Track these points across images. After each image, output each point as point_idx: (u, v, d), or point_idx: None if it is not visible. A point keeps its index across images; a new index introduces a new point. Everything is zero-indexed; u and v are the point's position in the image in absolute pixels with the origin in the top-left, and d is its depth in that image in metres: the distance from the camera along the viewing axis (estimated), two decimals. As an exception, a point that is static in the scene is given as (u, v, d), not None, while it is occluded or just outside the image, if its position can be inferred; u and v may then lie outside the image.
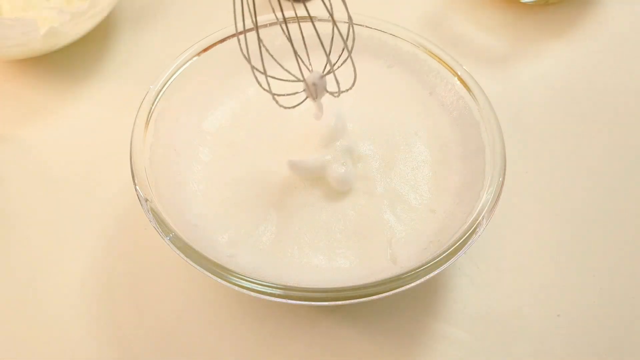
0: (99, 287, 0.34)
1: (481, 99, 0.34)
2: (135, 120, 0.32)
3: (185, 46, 0.36)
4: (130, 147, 0.31)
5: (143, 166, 0.31)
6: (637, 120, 0.42)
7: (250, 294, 0.27)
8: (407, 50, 0.37)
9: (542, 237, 0.36)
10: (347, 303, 0.27)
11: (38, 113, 0.42)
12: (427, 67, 0.37)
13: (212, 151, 0.35)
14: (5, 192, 0.38)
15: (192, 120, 0.36)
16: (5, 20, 0.38)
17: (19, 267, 0.35)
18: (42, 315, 0.33)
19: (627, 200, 0.38)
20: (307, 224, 0.32)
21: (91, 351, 0.32)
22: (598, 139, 0.41)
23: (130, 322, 0.33)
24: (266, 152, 0.34)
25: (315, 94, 0.29)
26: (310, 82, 0.28)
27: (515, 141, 0.39)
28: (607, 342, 0.32)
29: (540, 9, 0.49)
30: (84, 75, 0.44)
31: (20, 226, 0.36)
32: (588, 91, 0.44)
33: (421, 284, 0.27)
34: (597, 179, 0.39)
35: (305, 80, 0.29)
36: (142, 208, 0.29)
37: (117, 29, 0.48)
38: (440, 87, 0.36)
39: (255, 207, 0.32)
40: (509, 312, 0.33)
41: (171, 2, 0.49)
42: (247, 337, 0.32)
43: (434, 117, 0.36)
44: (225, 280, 0.27)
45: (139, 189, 0.30)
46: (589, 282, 0.34)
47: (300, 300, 0.27)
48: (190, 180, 0.33)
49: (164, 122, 0.34)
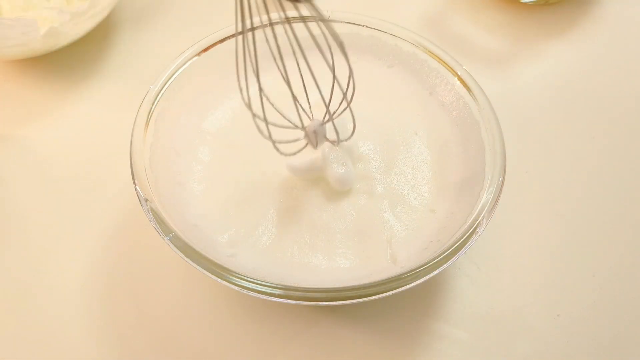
0: (99, 286, 0.34)
1: (481, 99, 0.34)
2: (135, 120, 0.32)
3: (185, 46, 0.36)
4: (130, 147, 0.31)
5: (143, 166, 0.31)
6: (637, 120, 0.42)
7: (250, 294, 0.27)
8: (407, 50, 0.37)
9: (542, 237, 0.36)
10: (347, 303, 0.27)
11: (38, 113, 0.42)
12: (427, 67, 0.37)
13: (212, 151, 0.35)
14: (5, 192, 0.38)
15: (192, 120, 0.36)
16: (5, 20, 0.38)
17: (19, 266, 0.35)
18: (42, 315, 0.33)
19: (627, 200, 0.38)
20: (307, 224, 0.32)
21: (91, 351, 0.32)
22: (598, 138, 0.41)
23: (130, 322, 0.33)
24: (266, 152, 0.34)
25: (316, 142, 0.30)
26: (310, 130, 0.29)
27: (515, 141, 0.39)
28: (607, 342, 0.32)
29: (540, 9, 0.49)
30: (84, 75, 0.44)
31: (20, 226, 0.36)
32: (588, 91, 0.44)
33: (421, 284, 0.27)
34: (597, 179, 0.39)
35: (305, 129, 0.29)
36: (142, 208, 0.29)
37: (117, 29, 0.48)
38: (440, 87, 0.36)
39: (255, 207, 0.32)
40: (509, 312, 0.33)
41: (171, 2, 0.49)
42: (247, 337, 0.32)
43: (434, 117, 0.36)
44: (225, 280, 0.27)
45: (139, 189, 0.30)
46: (588, 282, 0.34)
47: (300, 300, 0.27)
48: (190, 180, 0.33)
49: (164, 122, 0.34)
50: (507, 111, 0.41)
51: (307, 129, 0.29)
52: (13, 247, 0.35)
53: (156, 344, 0.32)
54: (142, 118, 0.32)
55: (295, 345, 0.32)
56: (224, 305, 0.33)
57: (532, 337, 0.32)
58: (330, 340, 0.32)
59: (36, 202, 0.37)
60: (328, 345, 0.32)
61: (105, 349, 0.32)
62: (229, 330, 0.32)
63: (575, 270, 0.35)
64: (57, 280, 0.34)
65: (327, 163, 0.32)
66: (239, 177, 0.34)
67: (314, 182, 0.33)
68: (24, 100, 0.43)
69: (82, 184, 0.38)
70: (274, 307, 0.33)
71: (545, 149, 0.40)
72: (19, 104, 0.43)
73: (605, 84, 0.44)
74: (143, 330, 0.32)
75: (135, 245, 0.35)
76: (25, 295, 0.34)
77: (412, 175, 0.34)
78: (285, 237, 0.31)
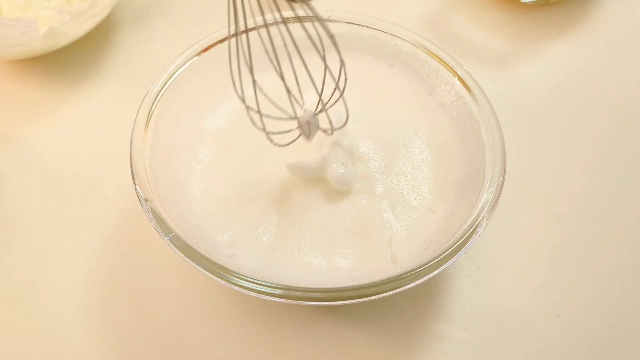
0: (99, 286, 0.34)
1: (481, 99, 0.34)
2: (135, 120, 0.32)
3: (185, 46, 0.36)
4: (130, 147, 0.31)
5: (143, 166, 0.31)
6: (637, 120, 0.42)
7: (251, 294, 0.27)
8: (407, 50, 0.37)
9: (542, 237, 0.36)
10: (347, 303, 0.27)
11: (38, 113, 0.42)
12: (427, 67, 0.37)
13: (212, 151, 0.35)
14: (5, 192, 0.38)
15: (192, 120, 0.36)
16: (5, 20, 0.38)
17: (19, 266, 0.35)
18: (42, 315, 0.33)
19: (626, 200, 0.38)
20: (307, 224, 0.32)
21: (91, 351, 0.32)
22: (598, 138, 0.41)
23: (130, 322, 0.33)
24: (266, 152, 0.34)
25: (309, 133, 0.30)
26: (303, 121, 0.29)
27: (515, 141, 0.39)
28: (607, 342, 0.32)
29: (540, 9, 0.49)
30: (84, 75, 0.44)
31: (20, 226, 0.36)
32: (588, 91, 0.44)
33: (421, 284, 0.28)
34: (597, 179, 0.39)
35: (298, 120, 0.29)
36: (142, 208, 0.29)
37: (117, 29, 0.48)
38: (440, 87, 0.36)
39: (255, 208, 0.32)
40: (509, 312, 0.33)
41: (171, 2, 0.49)
42: (247, 337, 0.32)
43: (434, 117, 0.36)
44: (225, 280, 0.27)
45: (139, 189, 0.30)
46: (588, 282, 0.34)
47: (300, 300, 0.27)
48: (190, 180, 0.33)
49: (164, 122, 0.34)
50: (507, 111, 0.41)
51: (300, 120, 0.29)
52: (13, 247, 0.35)
53: (156, 344, 0.32)
54: (142, 118, 0.32)
55: (295, 345, 0.32)
56: (224, 306, 0.33)
57: (532, 337, 0.32)
58: (330, 340, 0.32)
59: (36, 202, 0.37)
60: (328, 345, 0.32)
61: (105, 348, 0.32)
62: (229, 330, 0.32)
63: (575, 270, 0.35)
64: (57, 280, 0.34)
65: (327, 163, 0.32)
66: (239, 177, 0.34)
67: (314, 182, 0.33)
68: (24, 100, 0.43)
69: (82, 184, 0.38)
70: (274, 307, 0.33)
71: (545, 148, 0.40)
72: (19, 104, 0.42)
73: (605, 84, 0.44)
74: (143, 330, 0.32)
75: (135, 245, 0.35)
76: (26, 294, 0.34)
77: (412, 175, 0.34)
78: (285, 237, 0.31)
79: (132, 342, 0.32)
